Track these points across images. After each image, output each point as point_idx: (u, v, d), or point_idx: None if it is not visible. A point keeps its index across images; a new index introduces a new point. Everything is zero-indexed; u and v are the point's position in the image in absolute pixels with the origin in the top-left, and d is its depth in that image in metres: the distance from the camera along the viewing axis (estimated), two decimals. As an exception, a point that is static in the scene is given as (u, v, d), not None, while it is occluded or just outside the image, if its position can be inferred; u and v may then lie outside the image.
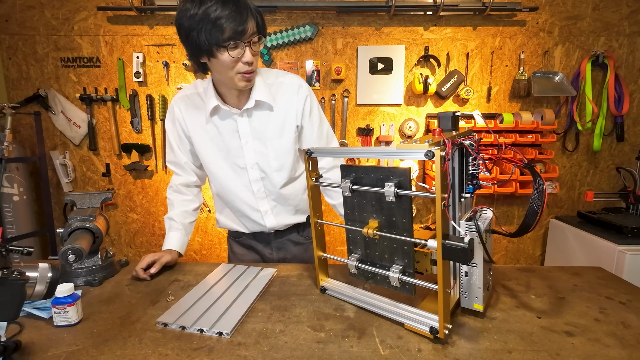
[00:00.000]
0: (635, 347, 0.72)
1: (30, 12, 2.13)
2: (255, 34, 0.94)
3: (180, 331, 0.78)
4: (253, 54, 0.95)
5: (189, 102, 1.13)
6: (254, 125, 1.10)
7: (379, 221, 0.81)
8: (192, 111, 1.12)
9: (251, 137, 1.11)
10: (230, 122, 1.10)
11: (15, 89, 2.20)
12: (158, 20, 2.14)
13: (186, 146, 1.18)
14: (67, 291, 0.80)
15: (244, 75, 0.97)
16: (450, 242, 0.66)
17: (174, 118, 1.14)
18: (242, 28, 0.89)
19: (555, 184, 2.13)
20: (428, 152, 0.65)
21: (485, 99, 2.20)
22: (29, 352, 0.71)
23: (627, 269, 1.67)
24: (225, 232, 2.34)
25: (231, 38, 0.90)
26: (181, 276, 1.08)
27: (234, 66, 0.96)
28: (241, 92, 1.06)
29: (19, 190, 2.10)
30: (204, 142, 1.13)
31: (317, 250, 0.95)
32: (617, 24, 2.12)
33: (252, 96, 1.06)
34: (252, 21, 0.92)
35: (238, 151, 1.12)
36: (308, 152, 0.88)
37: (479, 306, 0.79)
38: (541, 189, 0.70)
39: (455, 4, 2.03)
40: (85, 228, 1.04)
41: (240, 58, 0.94)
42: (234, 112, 1.08)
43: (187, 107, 1.13)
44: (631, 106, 2.18)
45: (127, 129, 2.25)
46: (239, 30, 0.89)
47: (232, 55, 0.93)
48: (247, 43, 0.93)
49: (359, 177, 0.81)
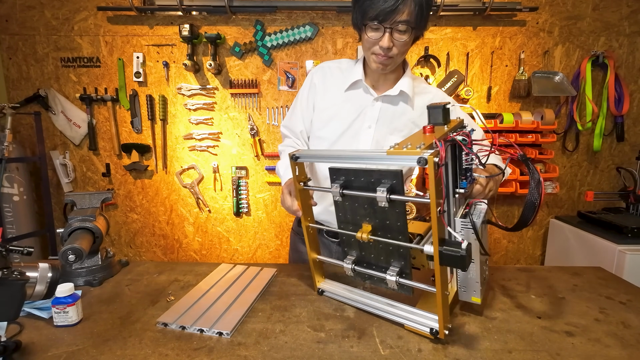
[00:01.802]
0: (636, 347, 0.72)
1: (31, 12, 2.13)
2: (405, 23, 0.90)
3: (180, 331, 0.78)
4: (393, 41, 0.93)
5: (330, 73, 1.12)
6: (385, 114, 1.07)
7: (373, 224, 0.79)
8: (329, 81, 1.11)
9: (375, 123, 1.07)
10: (362, 103, 1.08)
11: (15, 89, 2.20)
12: (158, 20, 2.14)
13: (310, 115, 1.15)
14: (67, 291, 0.80)
15: (377, 57, 0.96)
16: (447, 248, 0.65)
17: (311, 84, 1.13)
18: (389, 10, 0.87)
19: (555, 184, 2.13)
20: (420, 159, 0.62)
21: (486, 99, 2.20)
22: (29, 352, 0.71)
23: (627, 269, 1.67)
24: (225, 232, 2.36)
25: (374, 18, 0.89)
26: (181, 276, 1.08)
27: (371, 47, 0.96)
28: (385, 78, 1.07)
29: (19, 190, 2.10)
30: (328, 115, 1.11)
31: (311, 253, 0.95)
32: (617, 24, 2.12)
33: (398, 85, 1.06)
34: (408, 9, 0.88)
35: (356, 133, 1.09)
36: (293, 156, 0.85)
37: (477, 299, 0.79)
38: (537, 178, 0.69)
39: (455, 4, 2.03)
40: (86, 228, 1.04)
41: (377, 41, 0.93)
42: (372, 92, 1.07)
43: (326, 76, 1.12)
44: (631, 106, 2.18)
45: (127, 129, 2.25)
46: (384, 11, 0.87)
47: (368, 36, 0.93)
48: (389, 28, 0.91)
49: (349, 180, 0.79)
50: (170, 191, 2.31)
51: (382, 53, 0.95)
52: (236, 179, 2.27)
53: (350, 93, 1.09)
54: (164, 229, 2.36)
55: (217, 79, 2.19)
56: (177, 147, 2.26)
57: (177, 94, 2.20)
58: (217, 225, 2.35)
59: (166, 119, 2.23)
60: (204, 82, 2.20)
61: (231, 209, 2.31)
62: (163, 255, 2.41)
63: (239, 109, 2.22)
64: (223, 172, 2.29)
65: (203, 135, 2.22)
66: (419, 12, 0.90)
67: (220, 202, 2.32)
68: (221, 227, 2.35)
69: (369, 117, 1.07)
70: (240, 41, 2.14)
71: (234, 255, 2.40)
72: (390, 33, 0.92)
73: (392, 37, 0.93)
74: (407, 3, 0.88)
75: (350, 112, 1.08)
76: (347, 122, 1.08)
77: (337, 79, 1.11)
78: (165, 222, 2.35)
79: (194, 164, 2.27)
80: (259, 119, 2.23)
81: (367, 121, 1.07)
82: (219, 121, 2.23)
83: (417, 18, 0.91)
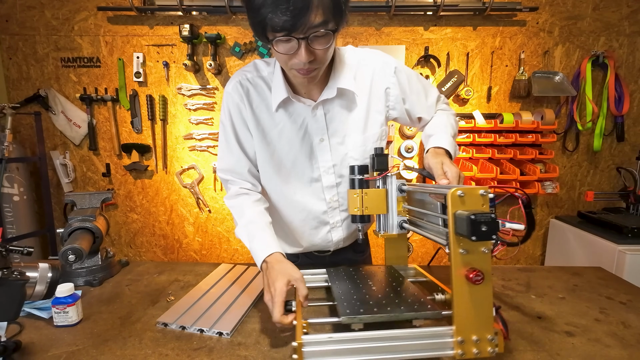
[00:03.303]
0: (636, 347, 0.72)
1: (31, 12, 2.13)
2: (323, 26, 0.69)
3: (180, 331, 0.78)
4: (313, 51, 0.73)
5: (251, 87, 0.91)
6: (331, 119, 0.91)
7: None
8: (255, 99, 0.91)
9: (327, 134, 0.91)
10: (300, 117, 0.90)
11: (15, 89, 2.20)
12: (158, 20, 2.14)
13: (251, 144, 0.94)
14: (67, 291, 0.80)
15: (299, 71, 0.77)
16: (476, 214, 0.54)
17: (234, 108, 0.91)
18: (294, 20, 0.66)
19: (556, 184, 2.13)
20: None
21: (486, 99, 2.20)
22: (29, 352, 0.71)
23: (627, 269, 1.66)
24: (225, 232, 2.35)
25: (281, 29, 0.68)
26: (181, 276, 1.08)
27: (287, 62, 0.76)
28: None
29: (19, 190, 2.10)
30: (266, 142, 0.92)
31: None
32: (617, 24, 2.12)
33: (333, 84, 0.87)
34: (318, 11, 0.67)
35: (309, 153, 0.93)
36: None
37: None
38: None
39: (455, 4, 2.03)
40: (86, 228, 1.04)
41: (292, 55, 0.73)
42: (308, 104, 0.88)
43: (250, 94, 0.91)
44: (631, 106, 2.18)
45: (127, 129, 2.25)
46: (290, 22, 0.66)
47: (278, 51, 0.73)
48: (303, 38, 0.70)
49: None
50: (171, 191, 2.31)
51: (303, 68, 0.75)
52: (236, 179, 2.27)
53: (281, 112, 0.90)
54: (164, 229, 2.36)
55: (217, 79, 2.19)
56: (177, 147, 2.26)
57: (177, 94, 2.20)
58: (217, 225, 2.35)
59: (166, 119, 2.23)
60: (204, 82, 2.20)
61: (231, 209, 2.31)
62: (163, 255, 2.41)
63: (239, 109, 2.22)
64: (223, 172, 2.28)
65: (203, 135, 2.22)
66: (333, 9, 0.69)
67: (221, 202, 2.32)
68: (221, 227, 2.35)
69: (316, 130, 0.91)
70: (240, 41, 2.14)
71: (234, 255, 2.40)
72: (306, 43, 0.71)
73: (311, 47, 0.72)
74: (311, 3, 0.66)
75: (293, 132, 0.91)
76: (296, 143, 0.92)
77: (262, 92, 0.91)
78: (165, 222, 2.35)
79: (194, 164, 2.27)
80: (259, 119, 2.23)
81: (316, 136, 0.91)
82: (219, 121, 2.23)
83: (335, 12, 0.70)
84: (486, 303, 0.59)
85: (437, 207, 0.70)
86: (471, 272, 0.57)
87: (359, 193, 0.87)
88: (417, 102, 0.97)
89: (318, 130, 0.91)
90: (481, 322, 0.60)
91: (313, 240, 1.04)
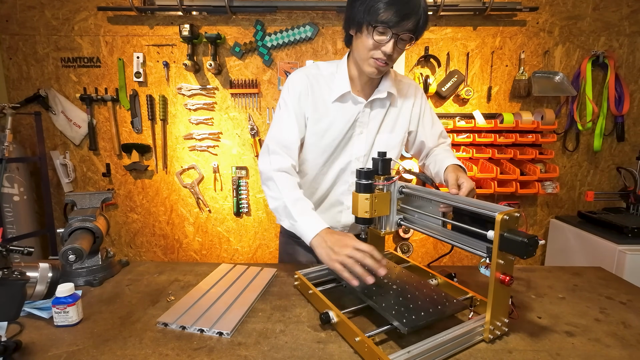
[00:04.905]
0: (636, 347, 0.72)
1: (31, 12, 2.13)
2: (409, 33, 0.91)
3: (180, 331, 0.78)
4: (396, 48, 0.92)
5: (315, 81, 1.08)
6: (374, 116, 1.10)
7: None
8: (316, 91, 1.08)
9: (367, 128, 1.10)
10: (351, 110, 1.07)
11: (15, 89, 2.20)
12: (158, 20, 2.14)
13: (302, 127, 1.08)
14: (68, 291, 0.80)
15: (377, 61, 0.95)
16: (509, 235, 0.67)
17: (300, 93, 1.06)
18: (398, 18, 0.87)
19: (556, 184, 2.13)
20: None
21: (486, 99, 2.20)
22: (29, 352, 0.71)
23: (627, 269, 1.67)
24: (225, 232, 2.36)
25: (385, 22, 0.88)
26: (181, 276, 1.08)
27: (372, 50, 0.94)
28: (369, 81, 1.06)
29: (20, 190, 2.10)
30: (318, 128, 1.08)
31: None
32: (617, 24, 2.12)
33: (384, 87, 1.07)
34: (414, 19, 0.89)
35: (348, 140, 1.10)
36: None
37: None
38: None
39: (456, 4, 2.03)
40: (86, 228, 1.04)
41: (380, 45, 0.92)
42: (360, 101, 1.07)
43: (312, 86, 1.08)
44: (631, 106, 2.18)
45: (127, 129, 2.25)
46: (395, 19, 0.87)
47: (375, 39, 0.91)
48: (395, 35, 0.90)
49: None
50: (171, 191, 2.31)
51: (383, 58, 0.94)
52: (236, 179, 2.27)
53: (337, 104, 1.08)
54: (164, 229, 2.36)
55: (217, 79, 2.20)
56: (177, 147, 2.26)
57: (177, 94, 2.20)
58: (217, 225, 2.35)
59: (166, 119, 2.23)
60: (204, 82, 2.20)
61: (231, 209, 2.31)
62: (163, 255, 2.41)
63: (239, 109, 2.22)
64: (223, 172, 2.29)
65: (203, 135, 2.22)
66: (422, 25, 0.92)
67: (221, 202, 2.32)
68: (221, 227, 2.35)
69: (360, 123, 1.09)
70: (240, 41, 2.14)
71: (234, 255, 2.40)
72: (395, 40, 0.91)
73: (396, 45, 0.92)
74: (418, 13, 0.89)
75: (343, 123, 1.08)
76: (342, 133, 1.09)
77: (322, 87, 1.08)
78: (165, 222, 2.35)
79: (194, 164, 2.27)
80: (259, 119, 2.23)
81: (358, 127, 1.10)
82: (219, 121, 2.23)
83: (420, 30, 0.93)
84: (506, 296, 0.74)
85: (433, 209, 0.87)
86: (506, 277, 0.69)
87: (370, 197, 0.89)
88: (427, 127, 1.18)
89: (361, 124, 1.09)
90: (503, 311, 0.74)
91: (326, 218, 1.08)
